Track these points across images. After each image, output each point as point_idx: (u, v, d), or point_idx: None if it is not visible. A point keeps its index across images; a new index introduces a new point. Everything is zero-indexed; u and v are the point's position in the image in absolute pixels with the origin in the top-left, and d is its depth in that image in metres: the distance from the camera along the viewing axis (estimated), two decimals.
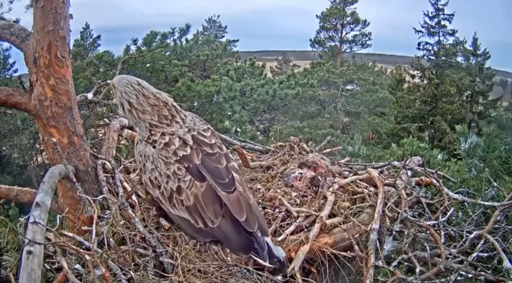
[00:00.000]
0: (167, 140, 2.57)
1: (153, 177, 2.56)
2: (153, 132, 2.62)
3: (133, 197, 2.96)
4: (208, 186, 2.49)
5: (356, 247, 2.68)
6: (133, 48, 13.95)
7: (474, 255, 2.69)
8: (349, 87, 24.23)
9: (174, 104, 2.72)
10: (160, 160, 2.53)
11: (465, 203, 3.12)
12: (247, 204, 2.52)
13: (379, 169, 3.52)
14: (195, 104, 12.72)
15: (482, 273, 2.64)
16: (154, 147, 2.57)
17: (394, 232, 2.80)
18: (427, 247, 2.73)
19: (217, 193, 2.48)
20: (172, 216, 2.59)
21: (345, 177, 3.37)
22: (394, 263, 2.62)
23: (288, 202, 3.03)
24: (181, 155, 2.53)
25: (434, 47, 24.15)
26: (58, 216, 2.51)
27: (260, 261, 2.44)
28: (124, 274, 2.39)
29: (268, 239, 2.50)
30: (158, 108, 2.63)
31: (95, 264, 2.26)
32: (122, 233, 2.61)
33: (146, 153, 2.59)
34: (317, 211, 2.91)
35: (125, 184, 3.06)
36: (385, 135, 22.19)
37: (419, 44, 24.54)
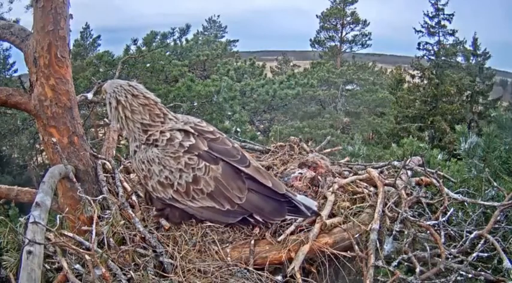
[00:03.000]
0: (169, 136, 2.57)
1: (162, 178, 2.55)
2: (150, 132, 2.61)
3: (133, 197, 2.96)
4: (225, 166, 2.55)
5: (356, 247, 2.68)
6: (133, 48, 13.97)
7: (474, 255, 2.69)
8: (349, 87, 24.21)
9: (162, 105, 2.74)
10: (168, 157, 2.53)
11: (465, 203, 3.11)
12: (267, 173, 2.66)
13: (379, 169, 3.51)
14: (195, 104, 12.72)
15: (482, 273, 2.64)
16: (156, 146, 2.57)
17: (394, 232, 2.80)
18: (427, 247, 2.73)
19: (236, 170, 2.55)
20: (194, 210, 2.60)
21: (345, 177, 3.37)
22: (394, 263, 2.62)
23: None
24: (187, 145, 2.55)
25: (434, 47, 24.20)
26: (58, 216, 2.51)
27: (299, 217, 2.67)
28: (124, 274, 2.39)
29: (298, 197, 2.68)
30: (149, 108, 2.63)
31: (95, 264, 2.26)
32: (122, 233, 2.60)
33: (149, 156, 2.57)
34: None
35: (125, 184, 3.06)
36: (385, 135, 22.20)
37: (419, 44, 24.61)
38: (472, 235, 2.75)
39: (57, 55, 2.63)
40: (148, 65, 13.50)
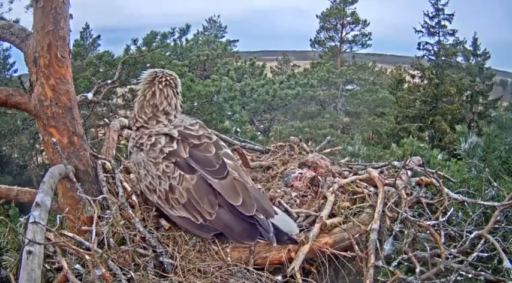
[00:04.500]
0: (153, 141, 2.57)
1: (148, 183, 2.55)
2: (137, 134, 2.65)
3: (133, 197, 2.95)
4: (199, 178, 2.45)
5: (356, 247, 2.68)
6: (133, 48, 13.95)
7: (474, 255, 2.69)
8: (349, 87, 24.23)
9: (167, 111, 2.70)
10: (150, 162, 2.52)
11: (465, 203, 3.11)
12: (244, 188, 2.47)
13: (379, 169, 3.51)
14: (195, 104, 12.71)
15: (482, 273, 2.64)
16: (142, 150, 2.58)
17: (394, 232, 2.80)
18: (427, 247, 2.73)
19: (209, 184, 2.43)
20: (174, 219, 2.58)
21: (345, 177, 3.37)
22: (394, 263, 2.62)
23: (288, 202, 3.03)
24: (167, 152, 2.51)
25: (434, 47, 24.20)
26: (58, 216, 2.51)
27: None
28: (124, 274, 2.39)
29: (274, 219, 2.45)
30: (145, 109, 2.65)
31: (95, 264, 2.25)
32: (122, 233, 2.60)
33: (138, 160, 2.59)
34: (317, 211, 2.91)
35: (125, 184, 3.06)
36: (385, 135, 22.21)
37: (419, 44, 24.60)
38: (472, 235, 2.75)
39: (57, 55, 2.63)
40: (148, 65, 13.48)
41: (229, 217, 2.42)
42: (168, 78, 2.68)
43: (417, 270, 2.55)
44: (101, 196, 2.73)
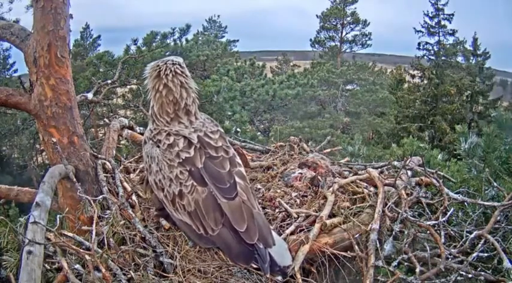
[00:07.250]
0: (171, 141, 2.53)
1: (157, 180, 2.54)
2: (156, 127, 2.60)
3: (134, 197, 2.96)
4: (210, 192, 2.44)
5: (356, 247, 2.68)
6: (133, 48, 13.96)
7: (474, 255, 2.69)
8: (349, 87, 24.24)
9: (188, 105, 2.63)
10: (165, 162, 2.51)
11: (465, 203, 3.12)
12: (250, 214, 2.44)
13: (379, 169, 3.52)
14: None
15: (482, 273, 2.64)
16: (158, 147, 2.56)
17: (394, 232, 2.80)
18: (427, 247, 2.73)
19: (218, 201, 2.43)
20: (175, 219, 2.58)
21: (345, 177, 3.37)
22: (394, 263, 2.62)
23: (288, 202, 3.03)
24: (183, 157, 2.48)
25: (434, 47, 24.16)
26: (58, 216, 2.51)
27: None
28: (124, 274, 2.39)
29: (271, 250, 2.43)
30: (164, 101, 2.59)
31: (95, 264, 2.26)
32: (122, 233, 2.61)
33: (152, 154, 2.57)
34: (317, 212, 2.91)
35: (125, 184, 3.06)
36: (385, 135, 22.18)
37: (419, 44, 24.55)
38: (472, 235, 2.75)
39: (57, 55, 2.63)
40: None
41: (230, 238, 2.41)
42: (173, 68, 2.63)
43: (417, 270, 2.55)
44: (101, 196, 2.73)
